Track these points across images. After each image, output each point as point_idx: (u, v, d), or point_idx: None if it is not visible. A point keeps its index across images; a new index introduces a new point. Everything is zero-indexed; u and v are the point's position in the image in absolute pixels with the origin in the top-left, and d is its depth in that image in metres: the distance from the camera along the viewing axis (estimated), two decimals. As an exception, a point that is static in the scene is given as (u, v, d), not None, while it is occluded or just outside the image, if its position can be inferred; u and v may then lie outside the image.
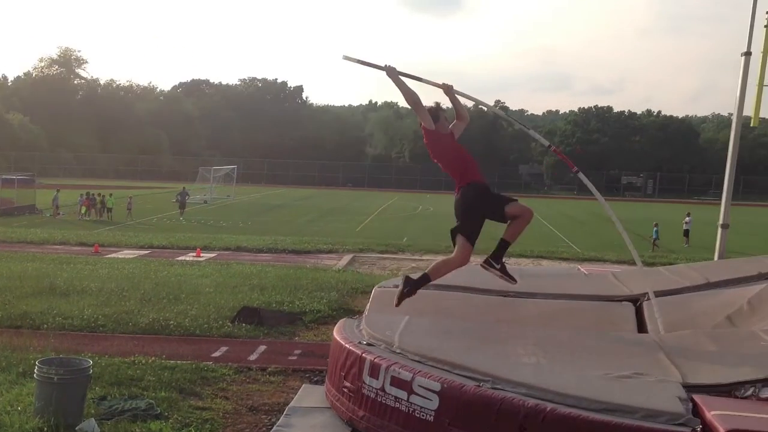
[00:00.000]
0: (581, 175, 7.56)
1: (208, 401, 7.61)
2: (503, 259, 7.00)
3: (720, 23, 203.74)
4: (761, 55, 10.48)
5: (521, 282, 9.35)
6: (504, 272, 6.93)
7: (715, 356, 5.47)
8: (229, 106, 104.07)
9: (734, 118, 10.89)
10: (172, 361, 8.90)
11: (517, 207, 6.79)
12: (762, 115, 11.19)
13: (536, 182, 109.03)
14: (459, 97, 7.38)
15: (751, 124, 11.10)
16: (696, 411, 4.50)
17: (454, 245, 6.86)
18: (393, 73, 7.12)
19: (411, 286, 6.94)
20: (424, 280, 6.97)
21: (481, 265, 7.02)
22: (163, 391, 7.64)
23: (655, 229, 31.98)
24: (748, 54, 10.39)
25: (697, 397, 4.65)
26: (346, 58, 7.39)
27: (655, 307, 7.27)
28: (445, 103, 7.35)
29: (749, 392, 4.73)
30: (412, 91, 7.09)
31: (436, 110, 7.15)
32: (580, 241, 33.23)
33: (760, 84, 10.56)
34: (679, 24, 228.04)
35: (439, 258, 7.47)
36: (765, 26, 10.43)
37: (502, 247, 6.93)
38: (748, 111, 10.79)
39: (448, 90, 7.31)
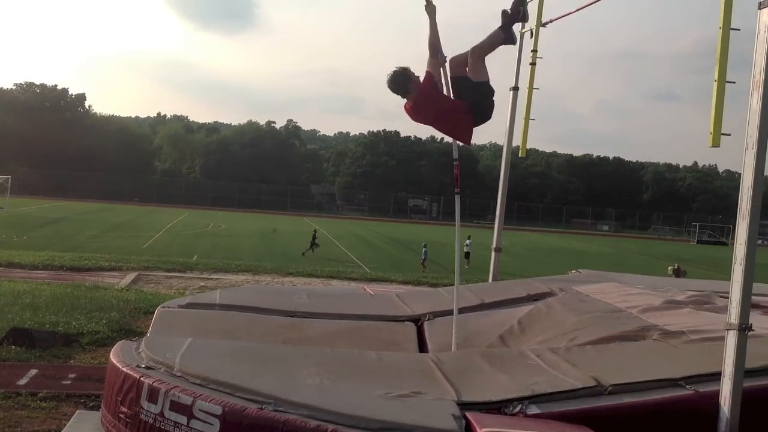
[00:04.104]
0: (457, 198, 7.66)
1: (-31, 430, 7.01)
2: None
3: (492, 58, 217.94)
4: (527, 90, 11.29)
5: (308, 302, 9.42)
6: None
7: (488, 374, 5.76)
8: (3, 112, 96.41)
9: (504, 148, 11.66)
10: (-72, 387, 8.12)
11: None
12: (530, 146, 12.06)
13: (328, 202, 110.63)
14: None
15: (520, 155, 11.92)
16: (469, 428, 4.71)
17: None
18: (432, 12, 6.67)
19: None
20: None
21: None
22: None
23: (424, 249, 33.33)
24: (515, 89, 11.18)
25: (470, 415, 4.87)
26: None
27: (435, 328, 7.59)
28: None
29: (517, 409, 5.01)
30: (438, 36, 6.69)
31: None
32: (369, 261, 34.06)
33: (527, 117, 11.36)
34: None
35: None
36: (530, 64, 11.26)
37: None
38: (518, 141, 11.60)
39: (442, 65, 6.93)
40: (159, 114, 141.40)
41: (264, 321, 8.26)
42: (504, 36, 6.82)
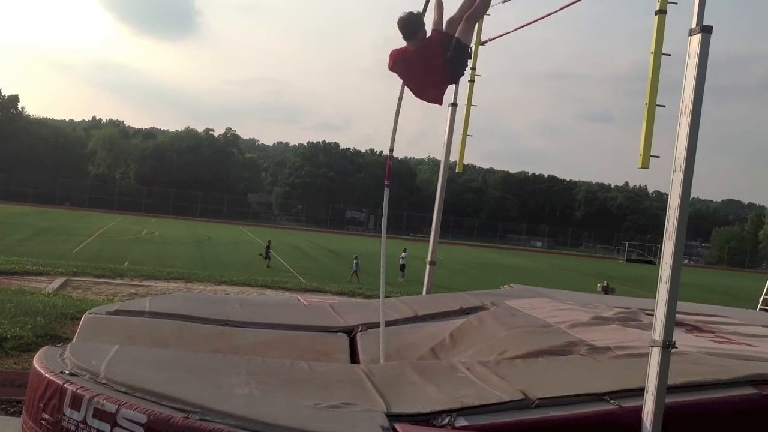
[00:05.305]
0: (386, 191, 7.68)
1: None
2: None
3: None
4: (465, 107, 11.41)
5: (240, 311, 9.31)
6: None
7: (418, 386, 5.78)
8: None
9: (442, 163, 11.75)
10: None
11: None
12: (467, 161, 12.18)
13: (265, 212, 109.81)
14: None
15: (456, 170, 12.01)
16: (397, 439, 4.72)
17: None
18: None
19: None
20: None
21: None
22: None
23: (355, 261, 33.37)
24: (454, 105, 11.27)
25: (399, 426, 4.87)
26: None
27: (368, 339, 7.59)
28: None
29: (446, 421, 5.04)
30: None
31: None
32: (304, 271, 33.89)
33: (464, 133, 11.47)
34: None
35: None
36: (469, 81, 11.39)
37: None
38: (455, 157, 11.68)
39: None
40: (94, 118, 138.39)
41: (194, 329, 8.13)
42: None
